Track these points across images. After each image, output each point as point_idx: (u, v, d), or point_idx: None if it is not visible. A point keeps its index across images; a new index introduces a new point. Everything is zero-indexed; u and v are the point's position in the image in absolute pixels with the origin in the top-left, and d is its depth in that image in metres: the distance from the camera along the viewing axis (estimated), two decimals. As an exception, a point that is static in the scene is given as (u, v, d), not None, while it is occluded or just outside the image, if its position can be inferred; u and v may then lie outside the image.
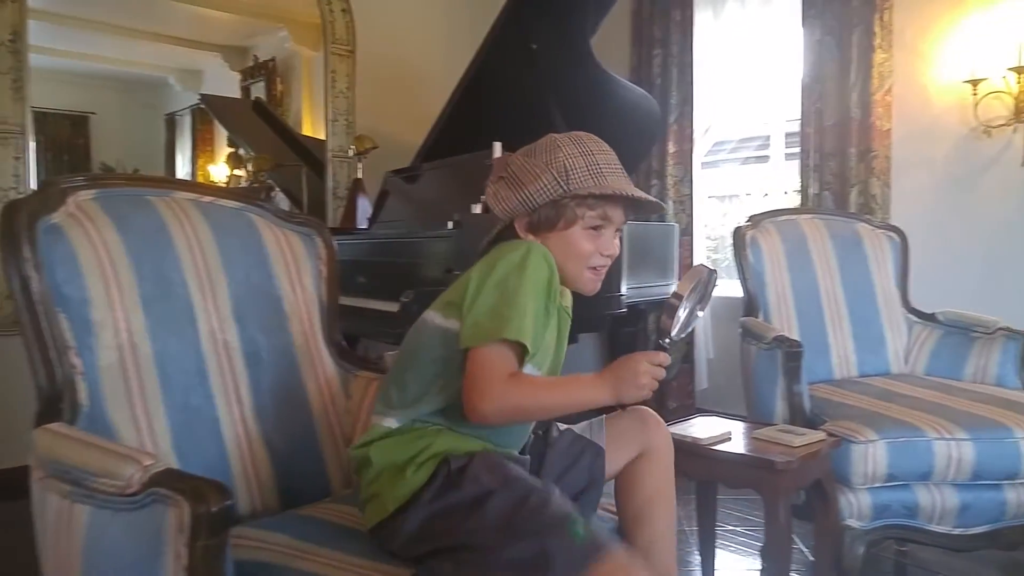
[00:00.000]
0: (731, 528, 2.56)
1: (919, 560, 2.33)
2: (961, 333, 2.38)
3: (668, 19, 3.69)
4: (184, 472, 0.94)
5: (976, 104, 2.92)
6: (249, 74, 4.28)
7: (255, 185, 3.94)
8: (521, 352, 1.07)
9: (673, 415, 3.75)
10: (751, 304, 2.36)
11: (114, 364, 1.21)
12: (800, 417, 2.01)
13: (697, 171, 3.83)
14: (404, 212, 3.08)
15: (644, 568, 1.01)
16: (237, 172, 4.25)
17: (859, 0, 3.12)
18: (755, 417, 2.21)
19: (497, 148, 2.56)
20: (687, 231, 3.74)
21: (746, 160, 3.96)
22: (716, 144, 3.94)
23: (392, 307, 2.35)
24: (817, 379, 2.33)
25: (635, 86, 3.32)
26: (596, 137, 1.22)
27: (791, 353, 2.04)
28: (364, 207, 3.28)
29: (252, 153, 3.93)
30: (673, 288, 3.47)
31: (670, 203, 3.75)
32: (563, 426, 1.34)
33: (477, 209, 2.55)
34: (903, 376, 2.34)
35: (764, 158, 3.83)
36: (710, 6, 3.67)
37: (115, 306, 1.23)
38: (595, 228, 1.18)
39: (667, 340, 1.17)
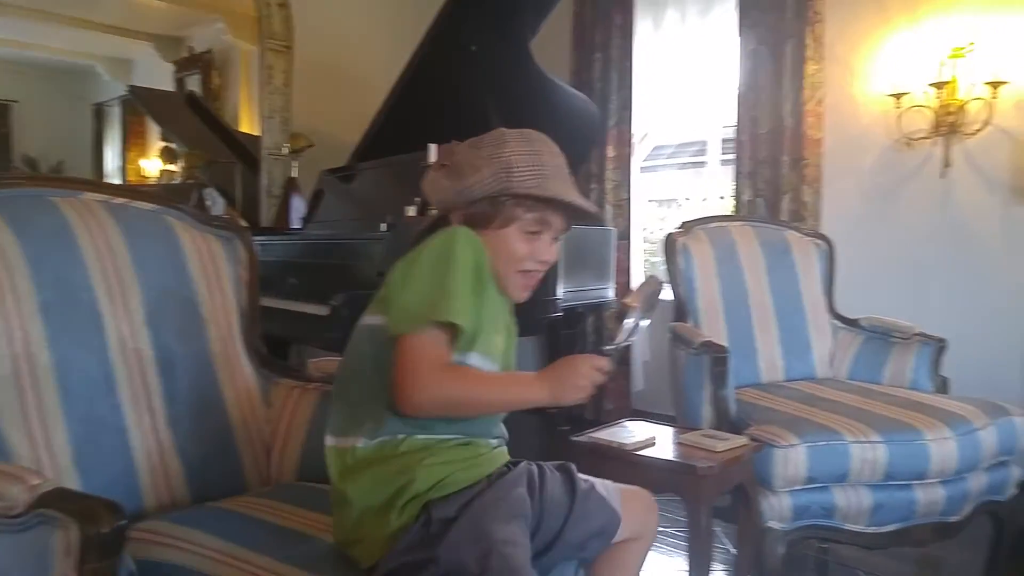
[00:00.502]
0: (661, 529, 2.59)
1: (840, 557, 2.41)
2: (881, 338, 2.46)
3: (609, 24, 3.73)
4: (75, 492, 0.90)
5: (899, 117, 3.03)
6: (184, 66, 4.15)
7: (188, 181, 3.84)
8: (454, 337, 1.03)
9: (609, 416, 3.80)
10: (681, 309, 2.40)
11: (7, 376, 1.15)
12: (726, 421, 2.05)
13: (636, 175, 3.87)
14: (339, 212, 3.04)
15: None
16: (170, 167, 4.13)
17: (792, 13, 3.20)
18: (684, 420, 2.24)
19: (433, 150, 2.54)
20: (625, 235, 3.78)
21: (684, 165, 4.03)
22: (655, 148, 4.00)
23: (322, 310, 2.32)
24: (745, 383, 2.37)
25: (575, 90, 3.34)
26: (547, 138, 1.18)
27: (717, 359, 2.07)
28: (298, 206, 3.23)
29: (185, 148, 3.82)
30: (610, 291, 3.55)
31: (608, 207, 3.78)
32: (585, 477, 1.24)
33: (411, 211, 2.53)
34: (827, 380, 2.41)
35: (702, 163, 3.90)
36: (650, 14, 3.72)
37: (9, 314, 1.17)
38: (532, 232, 1.14)
39: (610, 347, 1.16)
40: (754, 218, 2.96)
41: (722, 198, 3.79)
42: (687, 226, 2.51)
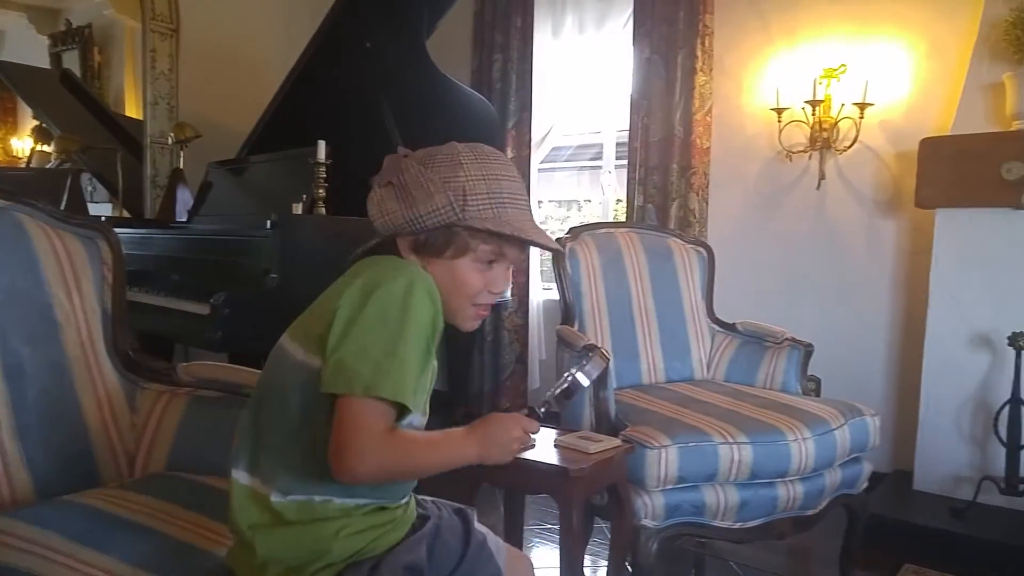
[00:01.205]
0: (549, 526, 2.66)
1: (714, 549, 2.53)
2: (756, 342, 2.59)
3: (509, 25, 3.76)
4: None
5: (780, 131, 3.20)
6: (60, 40, 3.90)
7: (63, 166, 3.61)
8: (399, 409, 0.96)
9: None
10: (568, 313, 2.45)
11: None
12: (605, 422, 2.11)
13: (535, 177, 3.92)
14: (226, 207, 2.94)
15: None
16: (44, 148, 3.87)
17: (684, 24, 3.31)
18: (567, 421, 2.30)
19: (321, 148, 2.50)
20: (523, 235, 3.83)
21: (582, 168, 4.11)
22: (555, 149, 4.06)
23: (202, 309, 2.24)
24: (627, 384, 2.46)
25: (472, 91, 3.34)
26: (502, 156, 1.10)
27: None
28: (184, 199, 3.10)
29: (58, 131, 3.60)
30: (507, 292, 3.59)
31: (507, 207, 3.81)
32: (481, 528, 1.21)
33: (299, 208, 2.48)
34: (704, 382, 2.52)
35: (599, 167, 3.99)
36: (549, 17, 3.77)
37: None
38: (487, 262, 1.06)
39: (542, 409, 1.15)
40: (640, 225, 3.06)
41: (619, 201, 3.90)
42: (575, 232, 2.56)
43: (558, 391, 1.18)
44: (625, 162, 3.64)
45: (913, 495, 2.85)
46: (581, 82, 3.78)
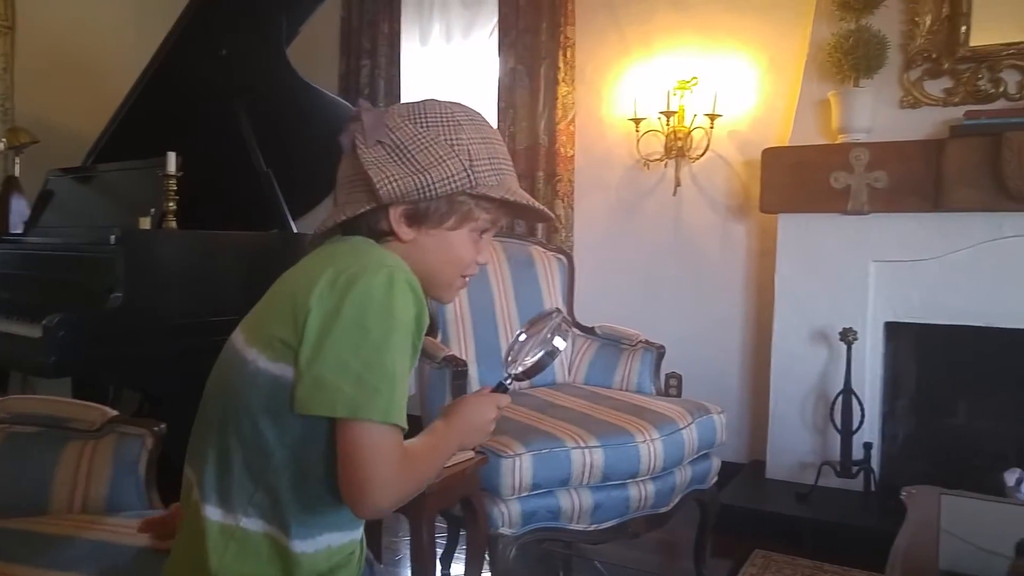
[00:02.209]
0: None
1: (580, 550, 2.61)
2: (613, 345, 2.69)
3: (376, 31, 3.73)
4: None
5: (638, 140, 3.33)
6: None
7: None
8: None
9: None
10: (431, 325, 2.46)
11: None
12: (465, 433, 2.14)
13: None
14: (67, 219, 2.76)
15: None
16: None
17: (547, 35, 3.39)
18: (429, 433, 2.31)
19: (171, 159, 2.39)
20: (395, 241, 3.81)
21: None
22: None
23: (34, 332, 2.09)
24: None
25: (337, 97, 3.28)
26: (481, 114, 1.00)
27: (457, 372, 2.16)
28: (20, 209, 2.89)
29: None
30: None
31: (378, 214, 3.78)
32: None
33: (146, 223, 2.36)
34: (564, 386, 2.59)
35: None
36: (417, 22, 3.77)
37: None
38: (480, 232, 0.99)
39: (508, 379, 1.08)
40: (501, 234, 3.10)
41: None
42: (437, 242, 2.58)
43: (534, 359, 1.05)
44: (495, 169, 3.69)
45: (765, 483, 3.05)
46: (450, 89, 3.79)
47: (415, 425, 0.96)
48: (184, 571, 0.89)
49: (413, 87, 3.82)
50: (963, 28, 2.79)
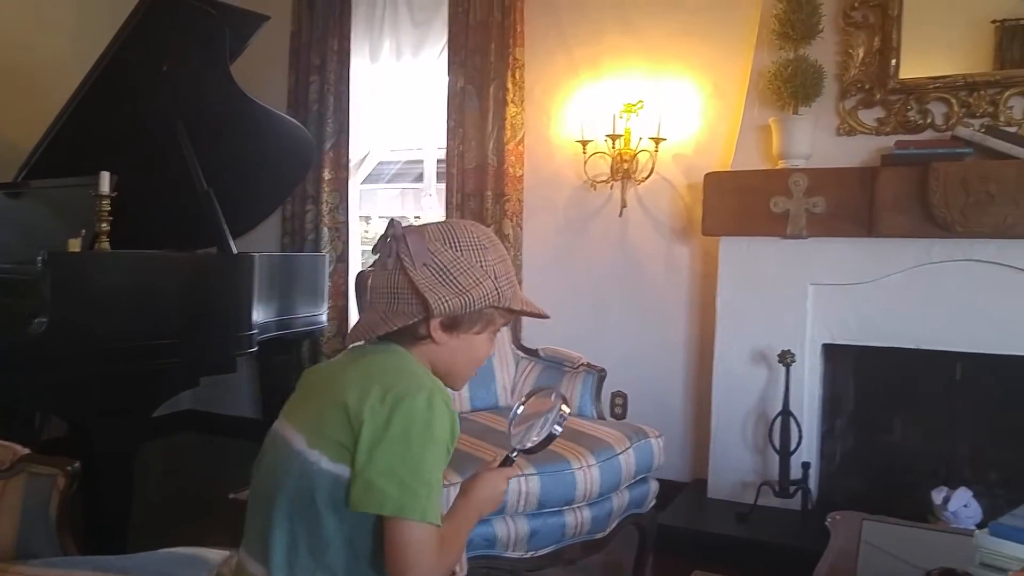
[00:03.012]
0: None
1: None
2: (556, 367, 2.71)
3: (326, 47, 3.70)
4: None
5: (585, 162, 3.36)
6: None
7: None
8: None
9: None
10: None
11: None
12: (403, 460, 2.13)
13: (356, 196, 3.89)
14: (-4, 237, 2.68)
15: None
16: None
17: (496, 56, 3.40)
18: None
19: (104, 179, 2.34)
20: (343, 258, 3.78)
21: (404, 191, 4.13)
22: (381, 164, 4.03)
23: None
24: (432, 416, 2.49)
25: (284, 115, 3.26)
26: (493, 234, 1.19)
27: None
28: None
29: None
30: (323, 316, 3.52)
31: (326, 230, 3.75)
32: None
33: (76, 245, 2.31)
34: (504, 411, 2.60)
35: (420, 189, 4.02)
36: (367, 39, 3.76)
37: None
38: (494, 332, 1.19)
39: (515, 453, 1.22)
40: None
41: (441, 223, 3.95)
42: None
43: (537, 444, 1.22)
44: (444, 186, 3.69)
45: (707, 503, 3.09)
46: (400, 106, 3.80)
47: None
48: None
49: (363, 104, 3.80)
50: (893, 61, 2.88)
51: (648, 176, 3.31)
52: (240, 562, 1.11)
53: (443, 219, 1.13)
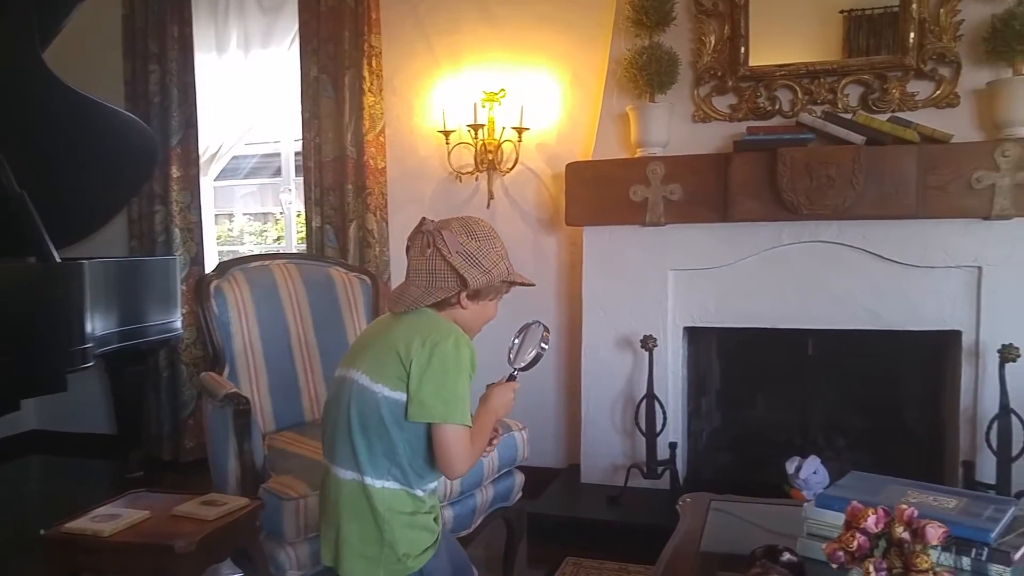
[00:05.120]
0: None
1: None
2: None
3: (165, 34, 3.44)
4: None
5: (449, 152, 3.29)
6: None
7: None
8: None
9: (190, 454, 3.56)
10: (216, 358, 2.30)
11: None
12: (250, 475, 2.02)
13: (209, 193, 3.66)
14: None
15: None
16: None
17: (350, 44, 3.27)
18: (214, 475, 2.16)
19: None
20: (198, 260, 3.55)
21: (263, 186, 3.94)
22: (237, 159, 3.82)
23: None
24: (288, 424, 2.38)
25: (118, 108, 2.99)
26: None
27: (239, 411, 2.02)
28: None
29: None
30: (177, 323, 3.30)
31: (177, 231, 3.51)
32: None
33: None
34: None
35: (279, 183, 3.84)
36: (211, 25, 3.52)
37: None
38: (499, 298, 1.56)
39: (515, 371, 1.58)
40: (297, 256, 2.98)
41: (300, 215, 3.78)
42: (222, 268, 2.41)
43: (530, 361, 1.58)
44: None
45: (581, 488, 3.12)
46: (253, 97, 3.58)
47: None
48: (354, 512, 1.45)
49: (211, 96, 3.57)
50: (743, 49, 2.96)
51: (513, 167, 3.29)
52: (333, 474, 1.48)
53: (459, 216, 1.53)
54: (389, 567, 1.43)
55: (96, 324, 2.60)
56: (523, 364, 1.59)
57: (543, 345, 1.59)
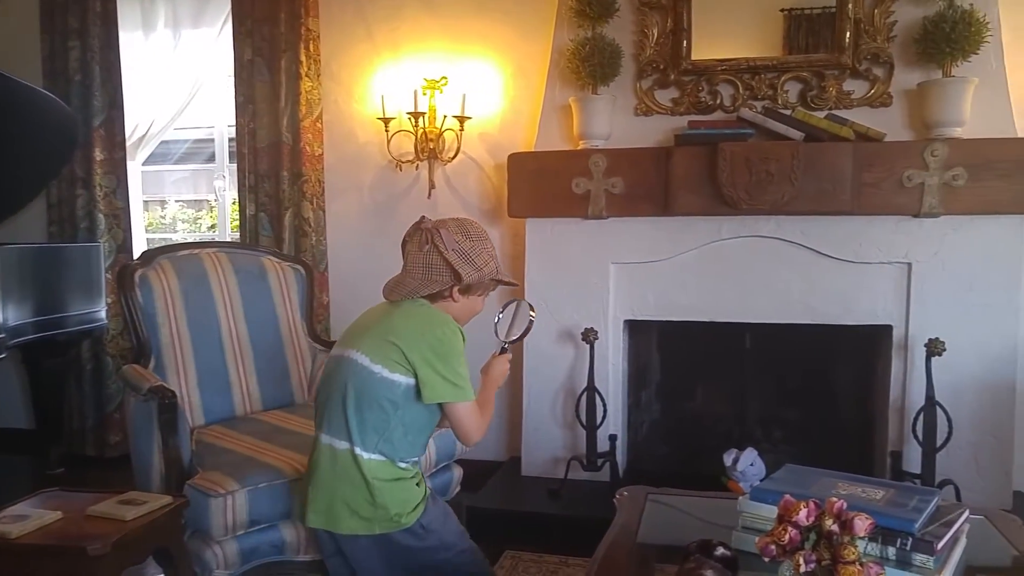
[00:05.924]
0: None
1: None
2: (358, 358, 2.57)
3: (86, 8, 3.25)
4: None
5: (389, 140, 3.22)
6: None
7: None
8: None
9: (114, 450, 3.40)
10: (141, 350, 2.19)
11: None
12: (175, 471, 1.93)
13: (134, 180, 3.50)
14: None
15: None
16: None
17: (286, 27, 3.16)
18: (137, 471, 2.06)
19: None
20: (125, 247, 3.38)
21: (196, 172, 3.79)
22: (166, 143, 3.65)
23: None
24: (218, 418, 2.28)
25: (27, 83, 2.79)
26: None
27: (164, 405, 1.93)
28: None
29: None
30: (102, 313, 3.15)
31: (101, 216, 3.33)
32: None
33: None
34: (301, 407, 2.43)
35: (213, 168, 3.70)
36: (137, 0, 3.34)
37: None
38: (486, 294, 1.75)
39: (506, 345, 1.82)
40: (229, 244, 2.88)
41: (236, 202, 3.65)
42: (148, 257, 2.31)
43: (520, 335, 1.83)
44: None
45: (522, 481, 3.09)
46: (183, 79, 3.43)
47: None
48: (348, 478, 1.61)
49: (138, 77, 3.40)
50: (685, 43, 2.96)
51: (455, 156, 3.23)
52: (326, 443, 1.64)
53: (455, 217, 1.72)
54: (383, 524, 1.60)
55: (8, 314, 2.45)
56: (515, 336, 1.81)
57: (531, 313, 1.82)
